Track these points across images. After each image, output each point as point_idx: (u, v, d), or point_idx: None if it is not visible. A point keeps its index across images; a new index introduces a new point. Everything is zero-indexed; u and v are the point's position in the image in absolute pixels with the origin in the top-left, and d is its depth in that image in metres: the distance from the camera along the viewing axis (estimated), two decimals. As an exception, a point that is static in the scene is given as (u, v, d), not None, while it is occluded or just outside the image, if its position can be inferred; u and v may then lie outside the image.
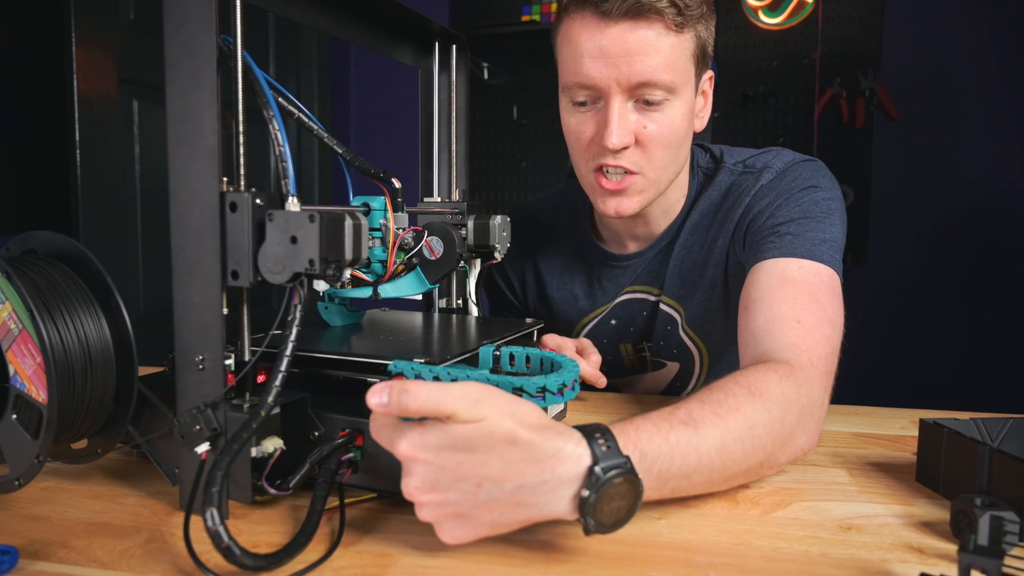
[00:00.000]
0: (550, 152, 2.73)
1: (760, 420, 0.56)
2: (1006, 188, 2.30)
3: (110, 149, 1.81)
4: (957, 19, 2.32)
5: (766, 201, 0.83)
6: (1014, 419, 0.61)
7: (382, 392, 0.46)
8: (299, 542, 0.46)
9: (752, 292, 0.75)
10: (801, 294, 0.72)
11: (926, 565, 0.46)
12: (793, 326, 0.68)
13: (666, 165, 0.82)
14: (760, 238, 0.81)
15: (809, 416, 0.61)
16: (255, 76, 0.54)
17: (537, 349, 0.65)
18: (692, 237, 0.93)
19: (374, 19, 0.79)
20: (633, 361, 1.02)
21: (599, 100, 0.79)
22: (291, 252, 0.50)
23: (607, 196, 0.83)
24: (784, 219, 0.80)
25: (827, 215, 0.80)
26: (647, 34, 0.74)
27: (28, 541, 0.49)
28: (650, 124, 0.78)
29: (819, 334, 0.68)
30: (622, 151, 0.79)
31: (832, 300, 0.73)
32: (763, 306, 0.72)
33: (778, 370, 0.61)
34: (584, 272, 1.01)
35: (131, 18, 1.87)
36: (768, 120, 2.49)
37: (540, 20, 2.63)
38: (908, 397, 2.37)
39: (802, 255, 0.76)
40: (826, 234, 0.78)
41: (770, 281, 0.74)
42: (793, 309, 0.70)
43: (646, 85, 0.76)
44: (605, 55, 0.75)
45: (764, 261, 0.77)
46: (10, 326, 0.51)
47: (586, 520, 0.44)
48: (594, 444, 0.46)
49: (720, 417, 0.54)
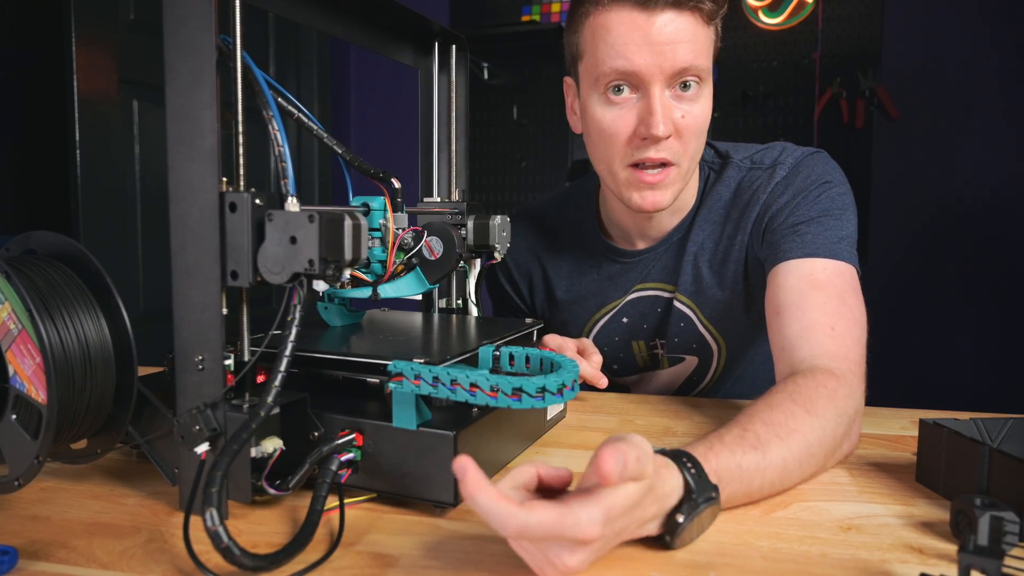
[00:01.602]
0: (550, 152, 2.73)
1: (816, 438, 0.60)
2: (1006, 188, 2.30)
3: (110, 149, 1.81)
4: (957, 19, 2.32)
5: (784, 199, 0.85)
6: (1014, 419, 0.61)
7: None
8: (299, 542, 0.46)
9: (781, 296, 0.78)
10: (831, 298, 0.75)
11: (926, 565, 0.46)
12: (828, 333, 0.72)
13: (695, 155, 0.84)
14: (780, 236, 0.83)
15: (853, 423, 0.66)
16: (254, 76, 0.54)
17: (537, 349, 0.65)
18: (704, 233, 0.93)
19: (374, 19, 0.79)
20: (645, 358, 1.02)
21: (637, 91, 0.80)
22: (290, 252, 0.50)
23: (645, 190, 0.83)
24: (803, 218, 0.82)
25: (843, 210, 0.83)
26: (688, 23, 0.77)
27: (28, 541, 0.49)
28: (687, 113, 0.80)
29: (851, 339, 0.72)
30: (663, 141, 0.80)
31: (856, 300, 0.77)
32: (795, 311, 0.75)
33: (826, 384, 0.65)
34: (593, 270, 1.01)
35: (131, 18, 1.87)
36: (768, 120, 2.49)
37: (540, 20, 2.63)
38: (908, 397, 2.36)
39: (824, 255, 0.79)
40: (844, 231, 0.81)
41: (799, 285, 0.77)
42: (825, 315, 0.74)
43: (686, 71, 0.78)
44: (650, 43, 0.76)
45: (788, 262, 0.80)
46: (9, 326, 0.51)
47: (671, 539, 0.48)
48: (686, 472, 0.49)
49: (782, 440, 0.58)
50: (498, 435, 0.62)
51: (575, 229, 1.03)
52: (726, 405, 0.88)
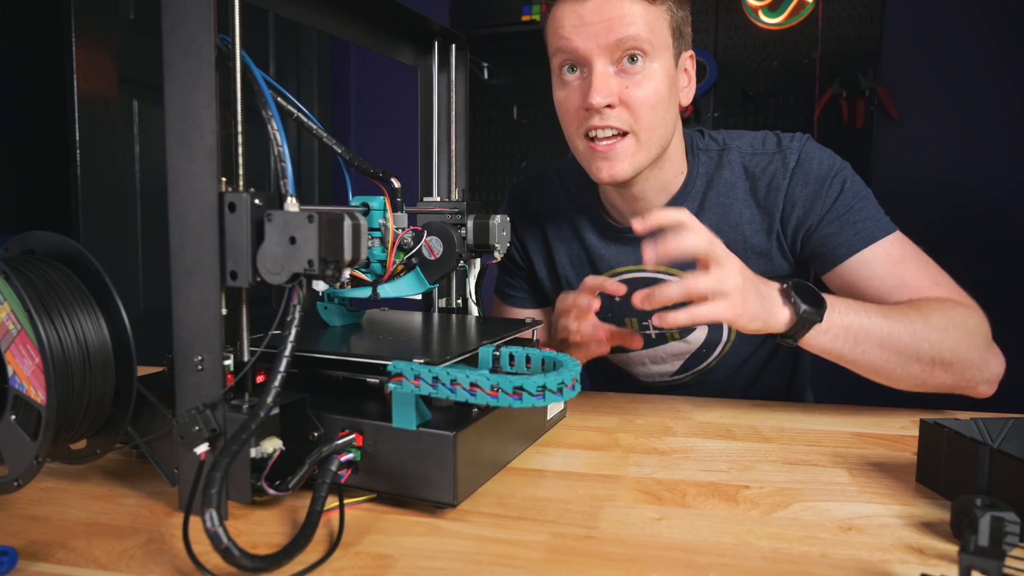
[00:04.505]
0: (550, 152, 2.73)
1: (960, 315, 0.80)
2: (1006, 188, 2.30)
3: (110, 149, 1.82)
4: (957, 19, 2.32)
5: (808, 191, 0.90)
6: (1014, 419, 0.61)
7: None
8: (298, 543, 0.46)
9: (876, 284, 0.86)
10: (916, 263, 0.87)
11: (926, 566, 0.46)
12: (935, 289, 0.85)
13: (654, 126, 0.85)
14: (834, 233, 0.89)
15: (990, 341, 0.83)
16: (254, 76, 0.54)
17: (537, 349, 0.65)
18: (717, 216, 0.94)
19: (374, 19, 0.79)
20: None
21: (584, 68, 0.84)
22: (290, 252, 0.50)
23: (600, 160, 0.86)
24: (845, 208, 0.89)
25: (864, 186, 0.91)
26: (622, 2, 0.81)
27: (27, 542, 0.49)
28: (632, 84, 0.83)
29: (951, 283, 0.87)
30: (607, 110, 0.83)
31: (925, 254, 0.88)
32: (901, 290, 0.85)
33: (952, 303, 0.82)
34: (588, 241, 1.02)
35: (131, 18, 1.87)
36: (768, 120, 2.49)
37: (540, 20, 2.63)
38: (908, 397, 2.36)
39: (883, 233, 0.88)
40: (876, 204, 0.90)
41: (885, 268, 0.87)
42: (923, 278, 0.86)
43: (623, 43, 0.81)
44: (585, 23, 0.81)
45: (859, 254, 0.87)
46: (8, 327, 0.51)
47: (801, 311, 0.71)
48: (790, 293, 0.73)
49: (910, 309, 0.79)
50: (498, 435, 0.62)
51: (573, 199, 1.05)
52: (729, 405, 0.88)
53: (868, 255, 0.87)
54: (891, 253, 0.86)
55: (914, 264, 0.86)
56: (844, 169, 0.91)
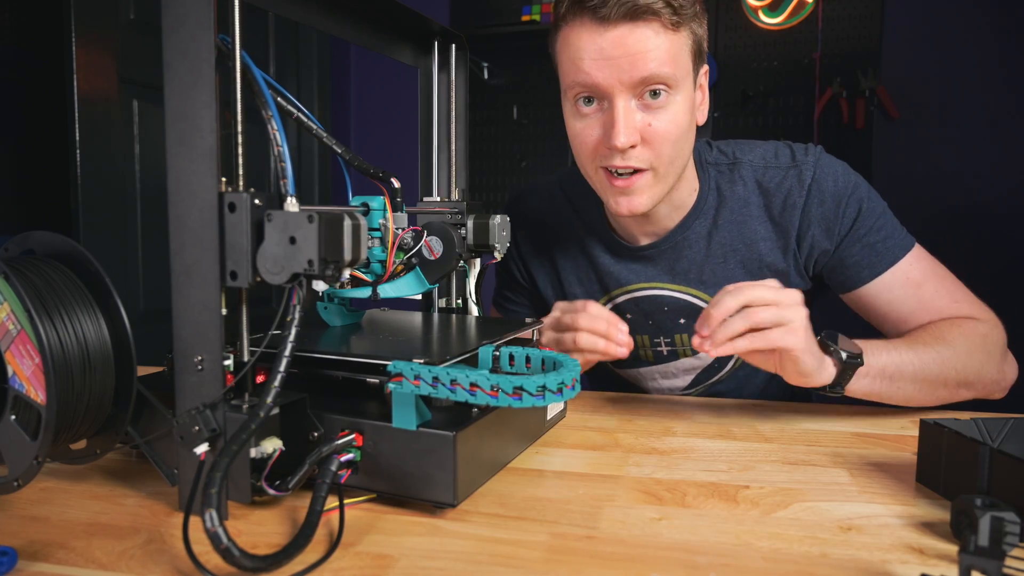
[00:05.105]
0: (550, 152, 2.73)
1: (980, 334, 0.83)
2: (1007, 188, 2.30)
3: (110, 149, 1.82)
4: (957, 19, 2.32)
5: (824, 209, 0.89)
6: (1014, 419, 0.61)
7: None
8: (298, 543, 0.46)
9: (897, 307, 0.88)
10: (935, 281, 0.88)
11: (926, 566, 0.46)
12: (954, 306, 0.86)
13: (673, 159, 0.84)
14: (855, 254, 0.89)
15: (1006, 352, 0.85)
16: (254, 76, 0.54)
17: (537, 349, 0.65)
18: (731, 233, 0.93)
19: (374, 19, 0.79)
20: (648, 354, 1.02)
21: (603, 101, 0.81)
22: (290, 252, 0.50)
23: (618, 195, 0.84)
24: (865, 229, 0.88)
25: (879, 201, 0.90)
26: (646, 33, 0.76)
27: (27, 542, 0.49)
28: (655, 121, 0.80)
29: (970, 297, 0.88)
30: (629, 150, 0.80)
31: (943, 266, 0.90)
32: (920, 312, 0.87)
33: (967, 320, 0.84)
34: (597, 258, 1.01)
35: (131, 18, 1.87)
36: (768, 120, 2.49)
37: (540, 20, 2.63)
38: (908, 397, 2.36)
39: (903, 252, 0.88)
40: (893, 219, 0.90)
41: (905, 291, 0.88)
42: (942, 297, 0.87)
43: (648, 81, 0.77)
44: (606, 57, 0.77)
45: (880, 277, 0.88)
46: (8, 327, 0.51)
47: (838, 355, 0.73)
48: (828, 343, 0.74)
49: (934, 340, 0.80)
50: (498, 435, 0.62)
51: (579, 216, 1.03)
52: (729, 404, 0.88)
53: (889, 278, 0.87)
54: (910, 275, 0.87)
55: (933, 284, 0.87)
56: (860, 187, 0.89)
